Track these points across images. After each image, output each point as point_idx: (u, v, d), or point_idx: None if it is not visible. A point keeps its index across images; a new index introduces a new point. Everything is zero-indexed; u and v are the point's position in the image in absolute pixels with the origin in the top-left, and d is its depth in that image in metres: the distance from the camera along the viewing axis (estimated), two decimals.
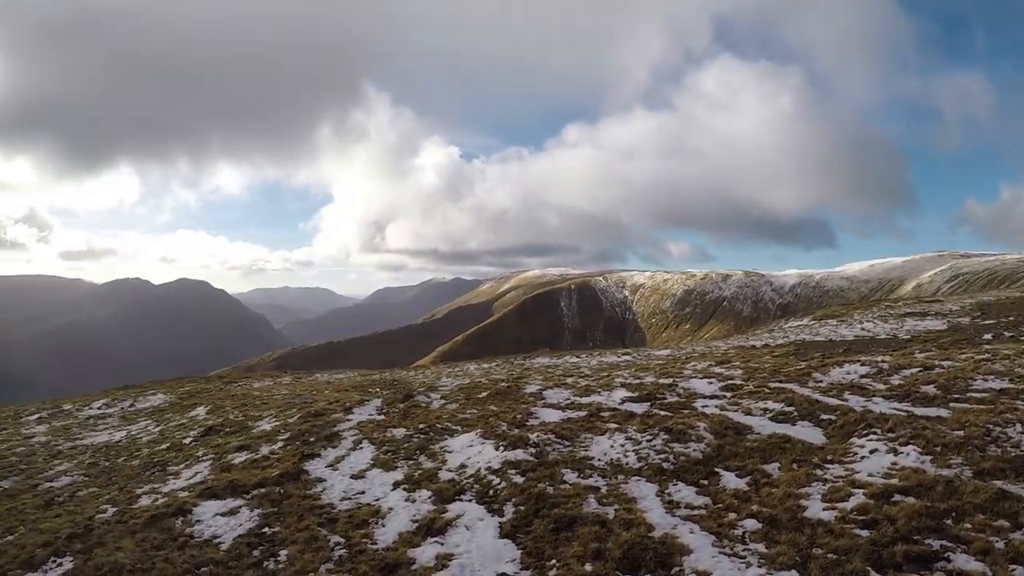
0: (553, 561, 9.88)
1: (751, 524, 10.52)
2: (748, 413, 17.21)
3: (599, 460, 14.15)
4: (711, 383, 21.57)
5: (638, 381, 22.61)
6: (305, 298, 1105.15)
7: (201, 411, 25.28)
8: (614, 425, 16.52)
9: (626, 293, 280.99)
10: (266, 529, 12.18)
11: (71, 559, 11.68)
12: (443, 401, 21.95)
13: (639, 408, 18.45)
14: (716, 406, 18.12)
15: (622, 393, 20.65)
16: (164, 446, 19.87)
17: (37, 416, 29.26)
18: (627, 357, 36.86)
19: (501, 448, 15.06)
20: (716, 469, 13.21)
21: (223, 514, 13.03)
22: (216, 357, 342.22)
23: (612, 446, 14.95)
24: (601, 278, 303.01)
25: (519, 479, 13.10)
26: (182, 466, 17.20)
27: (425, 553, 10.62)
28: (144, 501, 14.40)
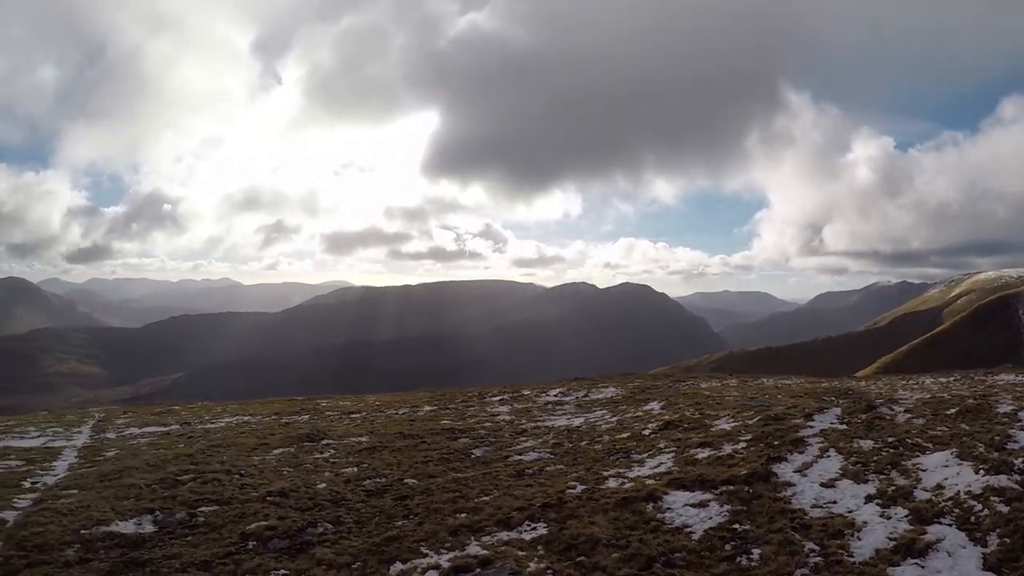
0: None
1: None
2: None
3: None
4: None
5: None
6: (744, 302, 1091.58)
7: (655, 406, 25.95)
8: None
9: None
10: (737, 526, 12.41)
11: (545, 526, 12.74)
12: (908, 415, 20.32)
13: None
14: None
15: None
16: (624, 435, 20.71)
17: (499, 398, 32.28)
18: None
19: (981, 472, 13.85)
20: None
21: (692, 505, 13.45)
22: (655, 357, 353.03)
23: None
24: None
25: (1003, 508, 12.04)
26: (645, 455, 17.87)
27: (905, 574, 10.36)
28: (611, 483, 15.23)
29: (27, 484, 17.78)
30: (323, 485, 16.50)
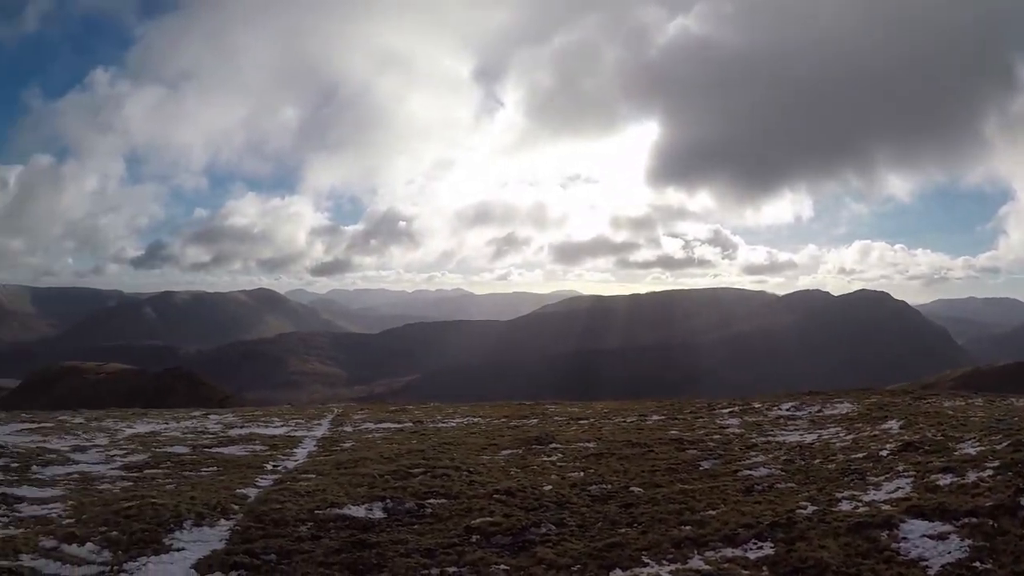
0: None
1: None
2: None
3: None
4: None
5: None
6: (991, 309, 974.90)
7: (893, 425, 24.66)
8: None
9: None
10: (977, 563, 11.30)
11: (772, 545, 12.40)
12: None
13: None
14: None
15: None
16: (860, 455, 19.80)
17: (728, 410, 31.73)
18: None
19: None
20: None
21: (930, 537, 12.48)
22: (891, 371, 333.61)
23: None
24: None
25: None
26: (881, 478, 16.94)
27: None
28: (844, 506, 14.57)
29: (269, 467, 19.92)
30: (549, 487, 16.94)
